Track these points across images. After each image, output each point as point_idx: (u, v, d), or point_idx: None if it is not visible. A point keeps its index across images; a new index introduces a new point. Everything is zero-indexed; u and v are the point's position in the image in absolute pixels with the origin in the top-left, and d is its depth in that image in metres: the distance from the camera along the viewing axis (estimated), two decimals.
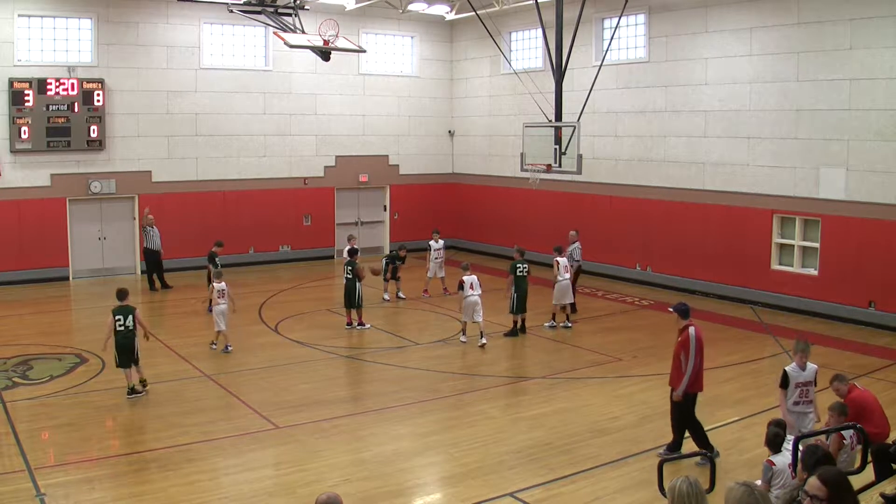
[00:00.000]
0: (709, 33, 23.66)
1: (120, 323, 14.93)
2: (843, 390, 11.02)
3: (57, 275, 25.68)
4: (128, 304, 15.28)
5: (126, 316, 15.02)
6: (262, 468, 11.98)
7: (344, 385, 16.66)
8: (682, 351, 11.98)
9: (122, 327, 14.92)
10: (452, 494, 11.23)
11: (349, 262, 20.69)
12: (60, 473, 11.53)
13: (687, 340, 11.90)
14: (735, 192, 23.18)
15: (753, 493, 5.23)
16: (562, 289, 20.65)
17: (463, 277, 19.18)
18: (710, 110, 23.74)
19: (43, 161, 25.17)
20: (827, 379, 11.41)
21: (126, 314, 15.03)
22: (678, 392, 11.98)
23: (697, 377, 12.04)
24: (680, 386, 11.95)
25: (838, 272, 21.05)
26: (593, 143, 26.48)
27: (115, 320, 14.93)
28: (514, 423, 14.04)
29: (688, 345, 11.88)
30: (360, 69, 30.99)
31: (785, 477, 9.15)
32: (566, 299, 20.76)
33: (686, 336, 11.94)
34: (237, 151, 28.75)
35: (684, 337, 11.97)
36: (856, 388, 11.09)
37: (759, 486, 5.56)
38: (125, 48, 26.29)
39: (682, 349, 11.98)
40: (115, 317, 14.96)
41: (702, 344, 12.00)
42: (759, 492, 5.26)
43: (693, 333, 11.92)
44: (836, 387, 11.13)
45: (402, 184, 32.61)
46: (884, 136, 19.83)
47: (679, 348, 12.05)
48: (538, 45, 28.85)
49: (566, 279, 20.69)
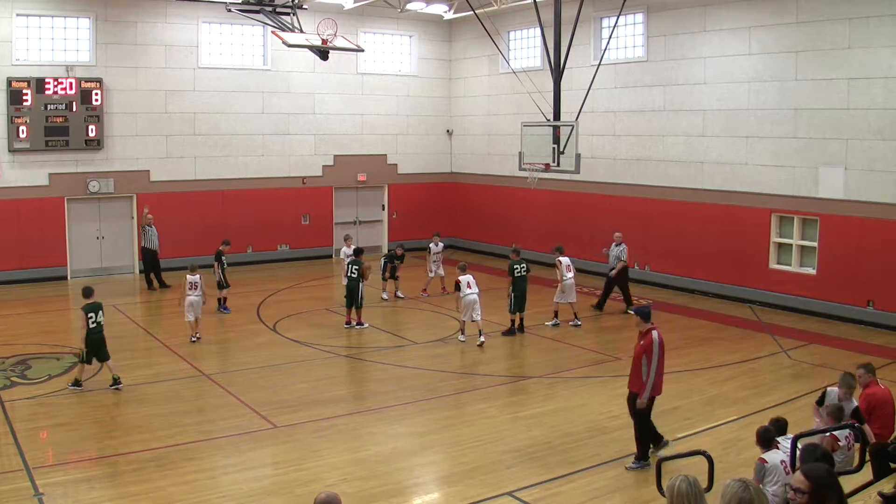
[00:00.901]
0: (707, 32, 23.66)
1: (92, 319, 15.35)
2: (865, 380, 11.05)
3: (55, 274, 25.69)
4: (96, 301, 15.65)
5: (97, 312, 15.47)
6: (260, 467, 11.98)
7: (342, 384, 16.66)
8: (644, 354, 11.85)
9: (94, 323, 15.36)
10: (451, 494, 11.23)
11: (355, 261, 20.68)
12: (59, 473, 11.53)
13: (650, 344, 11.78)
14: (734, 191, 23.19)
15: (749, 488, 5.27)
16: (566, 288, 20.68)
17: (459, 277, 19.20)
18: (708, 109, 23.74)
19: (41, 160, 25.16)
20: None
21: (97, 310, 15.49)
22: (643, 398, 11.90)
23: (658, 381, 11.97)
24: (645, 392, 11.88)
25: (837, 271, 21.06)
26: (592, 142, 26.48)
27: (87, 317, 15.28)
28: (512, 422, 14.04)
29: (650, 349, 11.77)
30: (359, 68, 31.00)
31: (778, 474, 9.18)
32: (570, 298, 20.77)
33: (649, 339, 11.81)
34: (235, 151, 28.75)
35: (647, 340, 11.83)
36: (876, 384, 11.05)
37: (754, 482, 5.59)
38: (123, 47, 26.29)
39: (644, 352, 11.85)
40: (87, 314, 15.31)
41: (664, 348, 11.93)
42: (754, 487, 5.30)
43: (656, 337, 11.83)
44: (860, 374, 11.17)
45: (400, 183, 32.61)
46: (882, 136, 19.84)
47: (641, 351, 11.90)
48: (537, 44, 28.87)
49: (569, 278, 20.70)
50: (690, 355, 18.18)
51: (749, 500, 5.20)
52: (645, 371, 11.81)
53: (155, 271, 25.23)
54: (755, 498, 5.22)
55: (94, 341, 15.29)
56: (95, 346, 15.32)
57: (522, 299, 19.92)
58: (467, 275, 19.34)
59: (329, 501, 6.59)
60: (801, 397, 14.76)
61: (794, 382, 16.11)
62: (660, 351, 11.83)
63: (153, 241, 25.18)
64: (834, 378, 15.98)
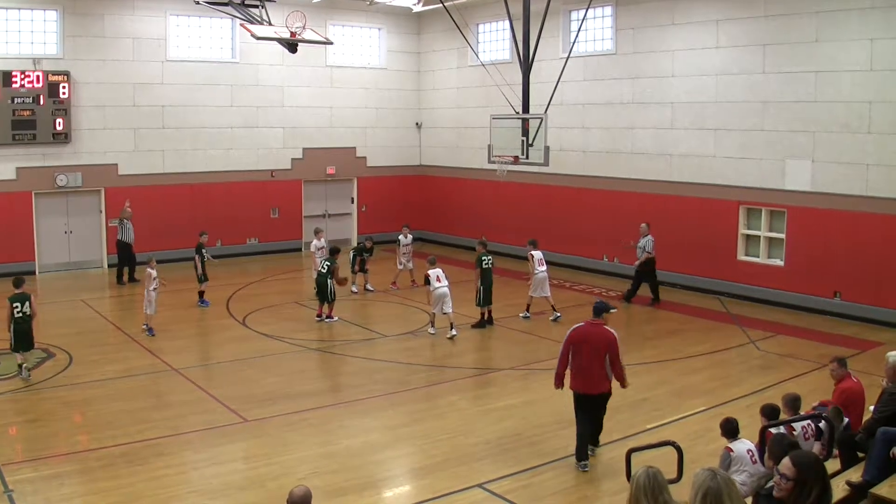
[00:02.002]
0: (676, 25, 23.78)
1: (18, 309, 15.63)
2: (839, 374, 10.94)
3: (23, 269, 25.26)
4: (24, 292, 15.88)
5: (23, 302, 15.70)
6: (231, 462, 11.95)
7: (313, 378, 16.62)
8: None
9: (19, 313, 15.64)
10: (422, 486, 11.25)
11: (331, 259, 20.53)
12: (29, 469, 11.44)
13: (615, 341, 11.68)
14: (702, 183, 23.35)
15: (717, 477, 5.30)
16: (538, 281, 20.70)
17: (429, 271, 19.22)
18: (677, 102, 23.87)
19: (8, 154, 24.91)
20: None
21: (23, 301, 15.71)
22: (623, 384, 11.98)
23: (578, 374, 11.76)
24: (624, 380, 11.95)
25: (804, 263, 21.26)
26: (561, 134, 26.52)
27: (12, 307, 15.59)
28: (483, 414, 14.09)
29: (616, 346, 11.67)
30: (328, 61, 30.90)
31: (744, 463, 9.30)
32: (544, 292, 20.78)
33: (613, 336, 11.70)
34: (204, 144, 28.60)
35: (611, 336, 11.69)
36: (850, 378, 10.96)
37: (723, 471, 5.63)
38: (91, 40, 26.07)
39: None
40: (12, 304, 15.63)
41: (568, 342, 11.75)
42: (722, 476, 5.34)
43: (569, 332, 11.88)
44: (833, 368, 11.07)
45: (369, 176, 32.57)
46: (849, 128, 20.02)
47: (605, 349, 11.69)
48: (506, 36, 28.86)
49: (541, 272, 20.70)
50: (659, 347, 18.32)
51: (717, 489, 5.23)
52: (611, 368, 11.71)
53: (130, 265, 25.12)
54: (723, 486, 5.25)
55: (17, 331, 15.58)
56: (18, 336, 15.61)
57: (489, 292, 20.00)
58: (437, 268, 19.36)
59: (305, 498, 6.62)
60: (769, 388, 14.89)
61: (762, 373, 16.24)
62: (564, 344, 11.81)
63: (130, 235, 25.07)
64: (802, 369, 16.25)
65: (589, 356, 11.54)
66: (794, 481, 6.10)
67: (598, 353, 11.51)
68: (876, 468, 8.69)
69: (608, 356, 11.52)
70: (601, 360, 11.53)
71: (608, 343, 11.54)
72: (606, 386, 11.74)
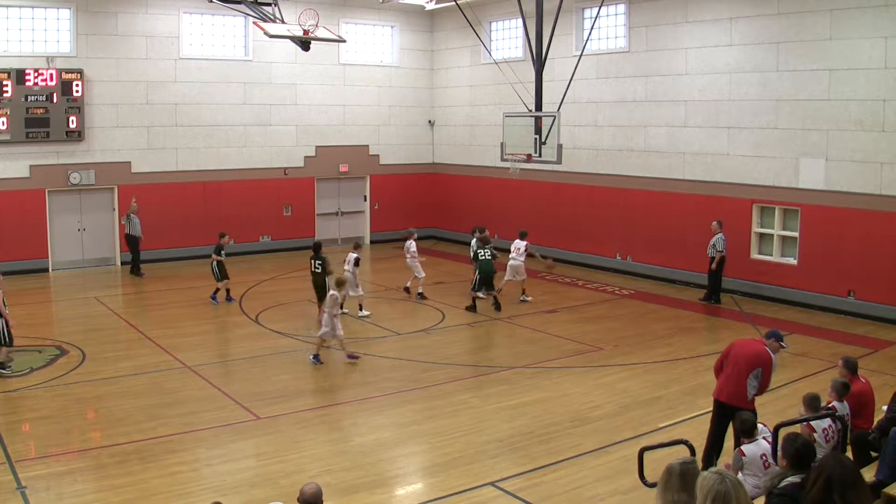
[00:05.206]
0: (689, 23, 23.71)
1: None
2: (847, 377, 10.90)
3: (36, 266, 25.54)
4: None
5: None
6: (243, 459, 11.97)
7: (325, 375, 16.61)
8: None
9: None
10: (433, 484, 11.24)
11: (318, 256, 20.34)
12: (41, 466, 11.48)
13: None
14: (715, 181, 23.27)
15: (726, 480, 5.22)
16: (512, 268, 22.13)
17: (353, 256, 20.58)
18: (690, 100, 23.80)
19: (22, 152, 25.00)
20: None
21: None
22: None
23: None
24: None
25: (818, 261, 21.17)
26: (573, 132, 26.49)
27: None
28: (495, 412, 14.06)
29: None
30: (341, 59, 30.92)
31: (755, 467, 9.16)
32: (518, 276, 22.20)
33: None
34: (217, 142, 28.64)
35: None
36: (858, 381, 10.87)
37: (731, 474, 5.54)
38: (104, 38, 26.14)
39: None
40: None
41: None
42: (731, 479, 5.26)
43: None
44: (843, 373, 10.97)
45: (382, 174, 32.59)
46: (863, 126, 19.93)
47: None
48: (518, 34, 28.83)
49: (514, 259, 22.04)
50: (672, 345, 18.26)
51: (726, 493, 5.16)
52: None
53: (135, 258, 25.28)
54: (732, 490, 5.18)
55: None
56: None
57: (487, 279, 21.18)
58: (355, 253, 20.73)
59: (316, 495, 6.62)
60: (782, 387, 14.81)
61: (775, 372, 16.14)
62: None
63: (137, 229, 25.22)
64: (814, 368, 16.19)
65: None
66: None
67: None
68: (889, 468, 8.65)
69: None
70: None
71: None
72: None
